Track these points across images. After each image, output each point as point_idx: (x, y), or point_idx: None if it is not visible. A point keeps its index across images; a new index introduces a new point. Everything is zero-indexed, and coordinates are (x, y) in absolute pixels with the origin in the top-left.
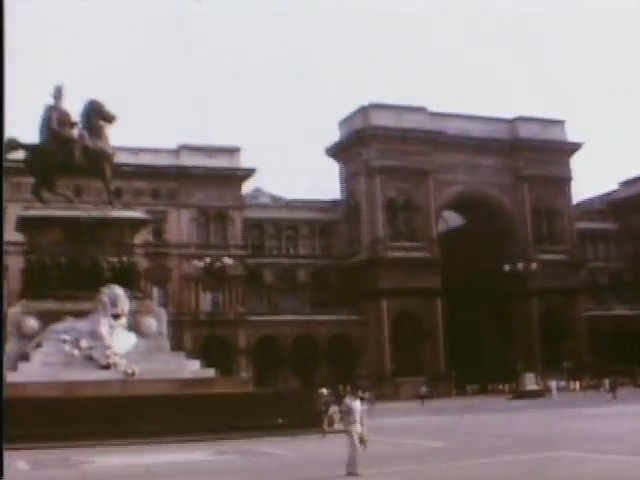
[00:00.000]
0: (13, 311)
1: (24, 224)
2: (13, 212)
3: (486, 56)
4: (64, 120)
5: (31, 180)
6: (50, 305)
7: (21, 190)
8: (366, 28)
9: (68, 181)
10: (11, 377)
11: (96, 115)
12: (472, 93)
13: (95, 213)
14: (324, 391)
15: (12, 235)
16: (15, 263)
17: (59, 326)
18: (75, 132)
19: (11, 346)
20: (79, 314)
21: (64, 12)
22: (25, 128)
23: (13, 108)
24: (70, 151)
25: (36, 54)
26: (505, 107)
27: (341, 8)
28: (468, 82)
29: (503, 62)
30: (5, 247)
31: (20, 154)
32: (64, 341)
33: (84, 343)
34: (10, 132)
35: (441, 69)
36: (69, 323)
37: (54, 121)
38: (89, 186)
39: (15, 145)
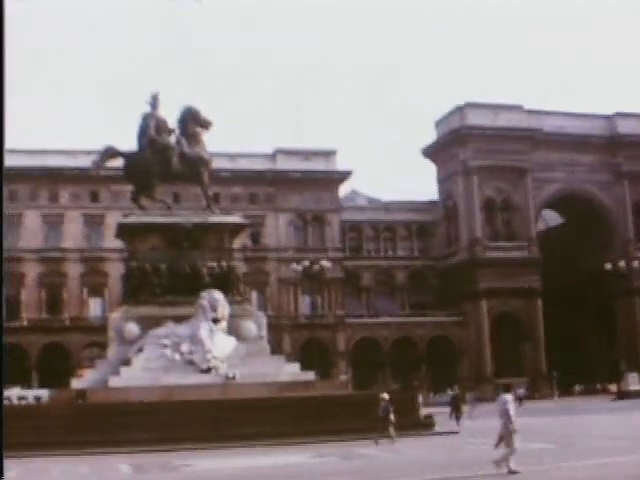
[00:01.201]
0: (114, 317)
1: (124, 231)
2: (112, 220)
3: (583, 52)
4: (161, 127)
5: (130, 188)
6: (151, 310)
7: (120, 198)
8: (461, 27)
9: (166, 188)
10: (113, 382)
11: (192, 121)
12: (569, 90)
13: (194, 219)
14: (385, 396)
15: (112, 242)
16: (115, 269)
17: (160, 331)
18: (172, 139)
19: (113, 351)
20: (179, 319)
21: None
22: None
23: (114, 121)
24: (168, 158)
25: (133, 60)
26: (603, 103)
27: (434, 7)
28: (564, 79)
29: (599, 58)
30: (105, 254)
31: (118, 162)
32: (165, 346)
33: (185, 347)
34: (92, 141)
35: (537, 66)
36: (169, 328)
37: (151, 128)
38: (187, 192)
39: (113, 153)
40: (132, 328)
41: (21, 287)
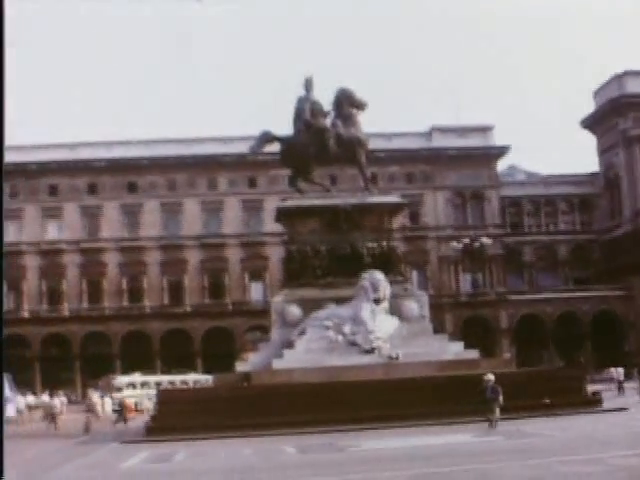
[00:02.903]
0: (276, 300)
1: (283, 215)
2: (271, 204)
3: None
4: (316, 110)
5: (287, 172)
6: (312, 293)
7: (277, 182)
8: None
9: (323, 170)
10: (276, 364)
11: (347, 103)
12: None
13: (353, 200)
14: (491, 377)
15: (271, 226)
16: (275, 253)
17: (321, 313)
18: (328, 121)
19: (275, 334)
20: (340, 300)
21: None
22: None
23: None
24: (324, 140)
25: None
26: None
27: None
28: None
29: None
30: (265, 238)
31: (275, 147)
32: (327, 327)
33: (347, 329)
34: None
35: None
36: (331, 309)
37: (307, 112)
38: (344, 174)
39: (270, 138)
40: (294, 311)
41: (184, 274)
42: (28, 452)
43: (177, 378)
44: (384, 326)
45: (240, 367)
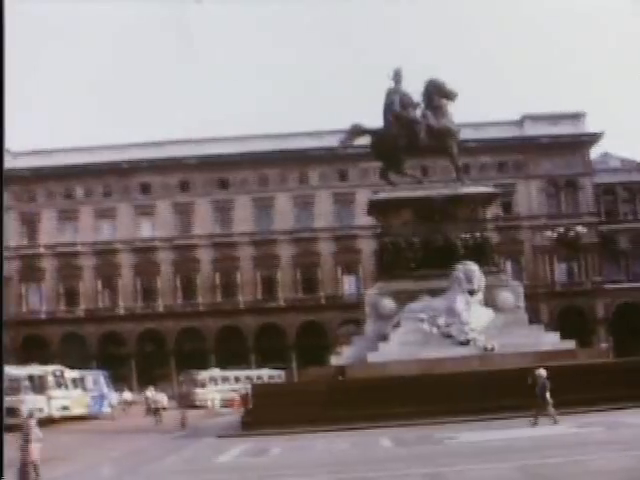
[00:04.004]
0: (370, 293)
1: (375, 207)
2: (362, 197)
3: None
4: (406, 102)
5: (378, 164)
6: (405, 285)
7: (368, 175)
8: None
9: (414, 162)
10: (371, 357)
11: (437, 94)
12: None
13: (445, 191)
14: (542, 372)
15: (363, 219)
16: (367, 246)
17: (416, 305)
18: (418, 113)
19: (369, 327)
20: (434, 292)
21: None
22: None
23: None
24: (414, 132)
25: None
26: None
27: None
28: None
29: None
30: (357, 231)
31: (365, 139)
32: (421, 320)
33: (441, 320)
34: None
35: None
36: (425, 302)
37: (396, 104)
38: (435, 165)
39: (360, 131)
40: (388, 303)
41: (276, 268)
42: (125, 447)
43: (253, 373)
44: (479, 317)
45: (335, 361)
